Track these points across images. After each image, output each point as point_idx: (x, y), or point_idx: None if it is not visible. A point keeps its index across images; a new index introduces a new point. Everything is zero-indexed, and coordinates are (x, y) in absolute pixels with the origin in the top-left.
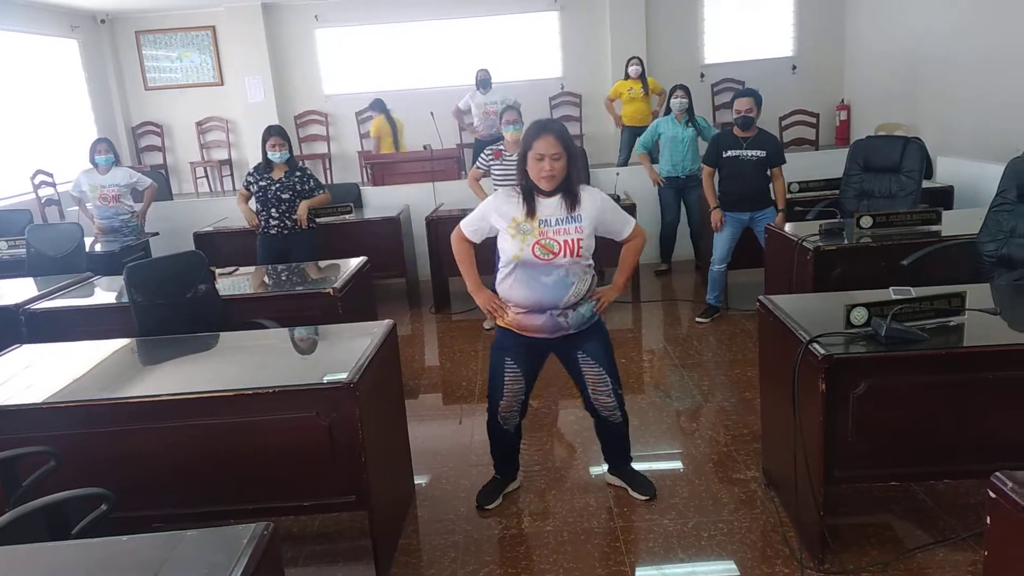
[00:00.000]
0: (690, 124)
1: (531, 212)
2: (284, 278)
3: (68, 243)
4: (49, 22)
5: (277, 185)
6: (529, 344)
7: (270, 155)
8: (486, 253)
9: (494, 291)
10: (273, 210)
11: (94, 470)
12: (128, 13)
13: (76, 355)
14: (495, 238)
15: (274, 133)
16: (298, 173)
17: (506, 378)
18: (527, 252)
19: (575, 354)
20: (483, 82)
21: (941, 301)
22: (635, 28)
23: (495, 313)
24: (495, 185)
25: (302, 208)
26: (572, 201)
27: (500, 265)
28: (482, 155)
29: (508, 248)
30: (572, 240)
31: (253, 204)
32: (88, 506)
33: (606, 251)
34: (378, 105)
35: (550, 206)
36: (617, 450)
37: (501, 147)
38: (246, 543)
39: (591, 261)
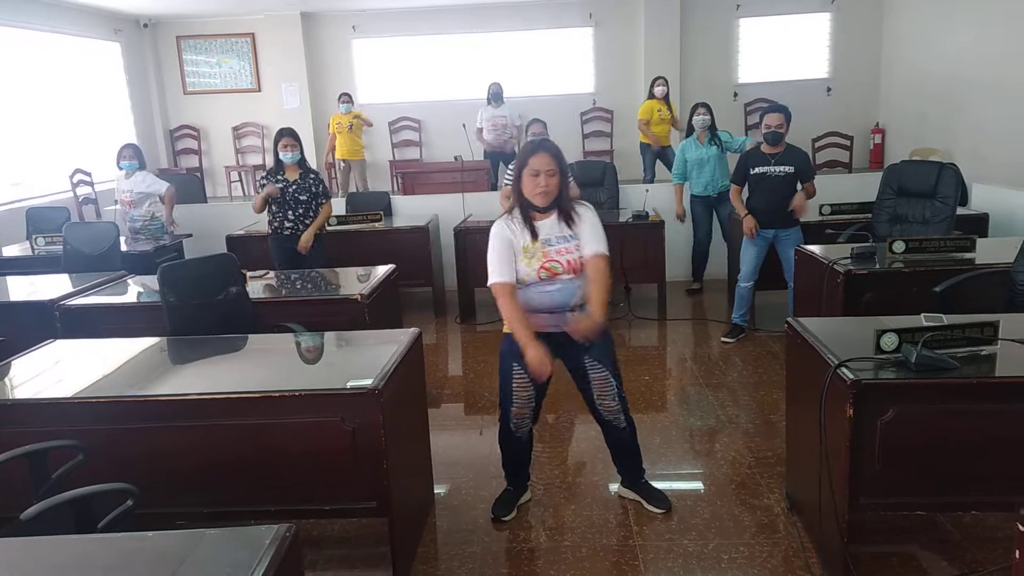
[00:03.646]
0: (712, 141)
1: (534, 235)
2: (312, 284)
3: (104, 242)
4: (93, 25)
5: (294, 187)
6: None
7: (281, 155)
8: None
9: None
10: (290, 212)
11: (121, 466)
12: (170, 18)
13: (107, 352)
14: (485, 251)
15: (286, 134)
16: (312, 175)
17: (515, 384)
18: (533, 275)
19: (582, 358)
20: (495, 95)
21: (973, 330)
22: (669, 46)
23: (540, 374)
24: None
25: (306, 237)
26: (568, 218)
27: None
28: (508, 172)
29: (520, 271)
30: (575, 259)
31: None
32: (114, 501)
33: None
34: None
35: (548, 225)
36: (628, 460)
37: None
38: (268, 543)
39: None
